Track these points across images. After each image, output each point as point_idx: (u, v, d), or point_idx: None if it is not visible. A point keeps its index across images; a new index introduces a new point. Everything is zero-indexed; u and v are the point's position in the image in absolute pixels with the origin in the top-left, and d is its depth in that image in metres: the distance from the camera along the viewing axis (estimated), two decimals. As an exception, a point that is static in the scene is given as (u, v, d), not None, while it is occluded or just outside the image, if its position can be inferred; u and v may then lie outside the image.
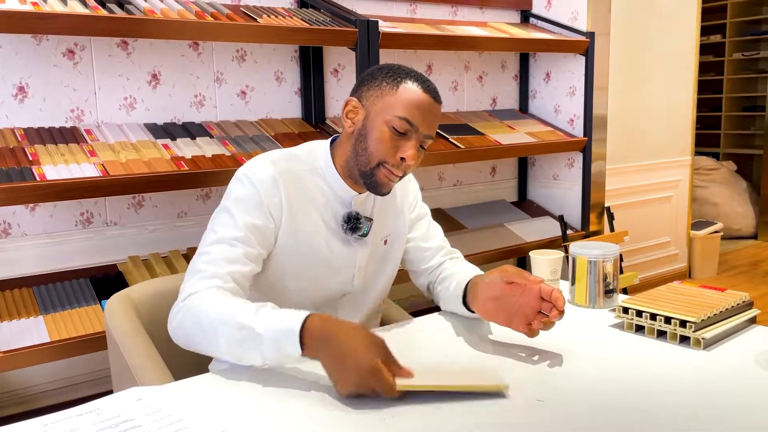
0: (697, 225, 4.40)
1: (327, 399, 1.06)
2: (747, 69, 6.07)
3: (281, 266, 1.33)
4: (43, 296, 2.07)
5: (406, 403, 1.03)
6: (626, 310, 1.33)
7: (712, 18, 5.97)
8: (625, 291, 3.20)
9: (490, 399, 1.05)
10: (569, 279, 1.53)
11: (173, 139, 2.25)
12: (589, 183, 3.29)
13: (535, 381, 1.12)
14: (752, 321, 1.35)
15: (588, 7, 3.25)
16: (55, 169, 1.93)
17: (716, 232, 4.37)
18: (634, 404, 1.03)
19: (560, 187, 3.44)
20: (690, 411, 1.00)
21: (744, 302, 1.35)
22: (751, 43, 6.02)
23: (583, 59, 3.25)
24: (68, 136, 2.12)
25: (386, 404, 1.03)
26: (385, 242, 1.46)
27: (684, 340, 1.25)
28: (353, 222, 1.36)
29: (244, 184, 1.29)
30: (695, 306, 1.29)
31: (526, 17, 3.46)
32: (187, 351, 1.26)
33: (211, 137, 2.34)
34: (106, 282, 2.18)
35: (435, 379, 1.08)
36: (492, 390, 1.06)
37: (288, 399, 1.06)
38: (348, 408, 1.03)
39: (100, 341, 1.93)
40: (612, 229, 3.39)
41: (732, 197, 5.34)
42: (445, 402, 1.04)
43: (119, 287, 1.63)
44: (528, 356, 1.22)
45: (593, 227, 3.34)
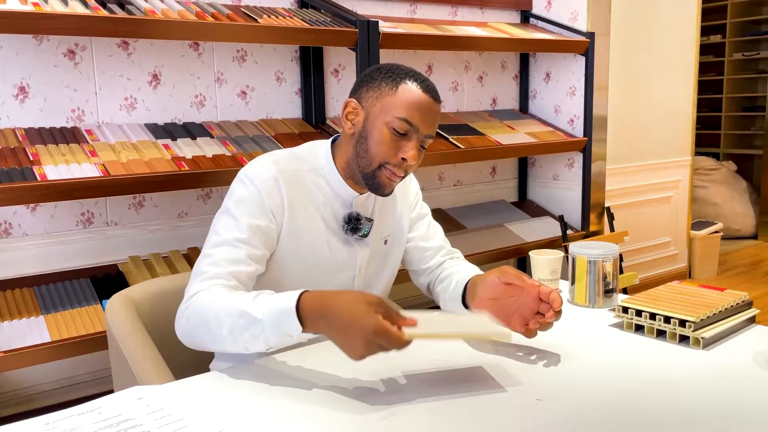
0: (697, 225, 4.40)
1: (327, 398, 1.06)
2: (747, 69, 6.07)
3: (282, 266, 1.33)
4: (44, 296, 2.07)
5: (407, 402, 1.04)
6: (626, 310, 1.33)
7: (713, 18, 5.97)
8: (625, 291, 3.20)
9: (489, 399, 1.05)
10: (569, 279, 1.53)
11: (174, 139, 2.26)
12: (589, 183, 3.29)
13: (535, 380, 1.12)
14: (751, 320, 1.36)
15: (588, 8, 3.26)
16: (56, 169, 1.93)
17: (716, 232, 4.38)
18: (634, 403, 1.03)
19: (560, 187, 3.44)
20: (689, 410, 1.00)
21: (743, 302, 1.35)
22: (751, 44, 6.02)
23: (583, 59, 3.25)
24: (69, 136, 2.13)
25: (387, 403, 1.03)
26: (386, 242, 1.46)
27: (683, 340, 1.25)
28: (354, 223, 1.36)
29: (246, 185, 1.29)
30: (694, 305, 1.29)
31: (526, 17, 3.46)
32: (188, 350, 1.26)
33: (212, 137, 2.34)
34: (107, 282, 2.18)
35: (442, 328, 1.08)
36: (496, 339, 1.08)
37: (288, 398, 1.07)
38: (348, 407, 1.03)
39: (101, 341, 1.93)
40: (612, 229, 3.39)
41: (732, 197, 5.35)
42: (445, 401, 1.04)
43: (120, 287, 1.64)
44: (527, 355, 1.22)
45: (593, 227, 3.34)
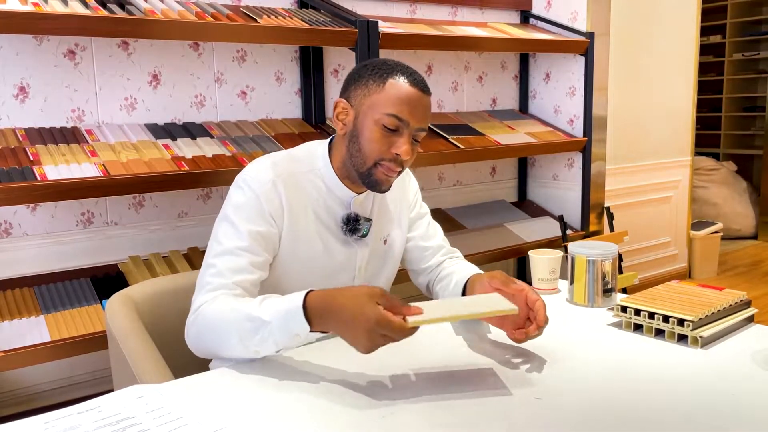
0: (697, 225, 4.40)
1: (327, 397, 1.06)
2: (747, 69, 6.07)
3: (282, 269, 1.33)
4: (44, 296, 2.07)
5: (406, 401, 1.04)
6: (624, 309, 1.33)
7: (712, 18, 5.97)
8: (625, 291, 3.20)
9: (488, 397, 1.05)
10: (568, 278, 1.53)
11: (174, 140, 2.26)
12: (589, 183, 3.30)
13: (533, 379, 1.12)
14: (750, 320, 1.36)
15: (588, 8, 3.26)
16: (56, 169, 1.93)
17: (716, 233, 4.38)
18: (632, 402, 1.03)
19: (560, 188, 3.44)
20: (687, 408, 1.01)
21: (742, 301, 1.36)
22: (751, 44, 6.03)
23: (583, 59, 3.26)
24: (69, 136, 2.13)
25: (386, 402, 1.03)
26: (385, 242, 1.46)
27: (682, 339, 1.26)
28: (352, 223, 1.36)
29: (244, 191, 1.29)
30: (693, 305, 1.29)
31: (526, 17, 3.47)
32: (188, 350, 1.27)
33: (212, 137, 2.34)
34: (107, 282, 2.19)
35: (446, 311, 1.09)
36: (502, 313, 1.10)
37: (287, 397, 1.07)
38: (348, 405, 1.03)
39: (101, 341, 1.94)
40: (612, 229, 3.39)
41: (732, 197, 5.35)
42: (445, 400, 1.04)
43: (120, 287, 1.64)
44: (526, 354, 1.22)
45: (593, 227, 3.34)
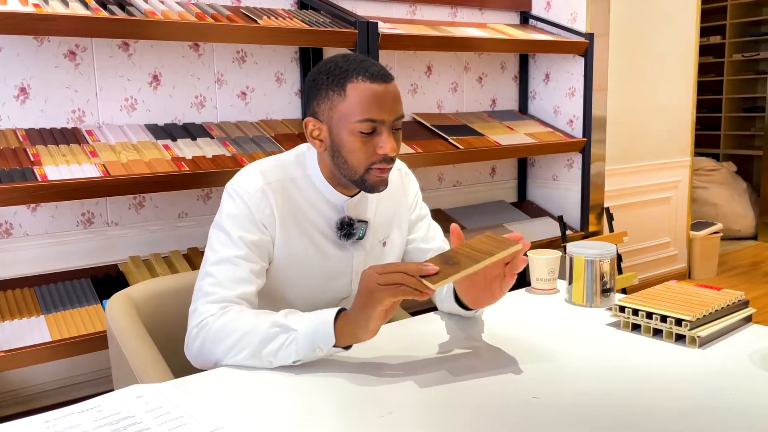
0: (697, 226, 4.40)
1: (325, 396, 1.07)
2: (747, 70, 6.08)
3: (277, 275, 1.33)
4: (45, 296, 2.08)
5: (404, 401, 1.04)
6: (623, 309, 1.34)
7: (712, 19, 5.98)
8: (624, 291, 3.21)
9: (486, 397, 1.06)
10: (567, 278, 1.54)
11: (174, 140, 2.27)
12: (589, 183, 3.30)
13: (531, 378, 1.13)
14: (748, 320, 1.36)
15: (587, 9, 3.27)
16: (57, 170, 1.94)
17: (716, 233, 4.38)
18: (630, 401, 1.04)
19: (560, 188, 3.45)
20: (685, 408, 1.01)
21: (739, 301, 1.36)
22: (751, 44, 6.03)
23: (583, 60, 3.26)
24: (69, 137, 2.13)
25: (384, 401, 1.04)
26: (384, 244, 1.46)
27: (680, 339, 1.26)
28: (347, 228, 1.35)
29: (235, 201, 1.29)
30: (691, 305, 1.30)
31: (526, 18, 3.47)
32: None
33: (212, 138, 2.35)
34: (107, 282, 2.19)
35: (463, 265, 1.11)
36: (510, 252, 1.15)
37: (286, 396, 1.07)
38: (346, 405, 1.04)
39: (101, 341, 1.94)
40: (611, 230, 3.40)
41: (732, 198, 5.35)
42: (442, 399, 1.05)
43: (120, 287, 1.64)
44: (524, 354, 1.23)
45: (592, 228, 3.35)
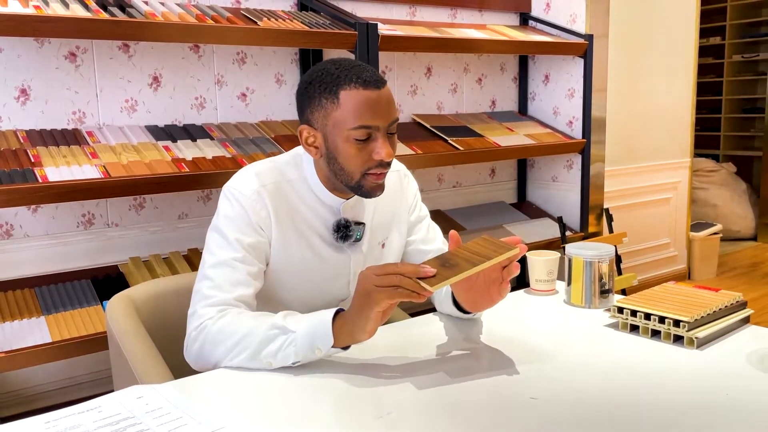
0: (697, 226, 4.41)
1: (324, 397, 1.07)
2: (747, 71, 6.08)
3: (275, 277, 1.34)
4: (45, 297, 2.08)
5: (402, 402, 1.05)
6: (621, 310, 1.34)
7: (712, 20, 5.99)
8: (624, 292, 3.21)
9: (484, 398, 1.06)
10: (565, 279, 1.54)
11: (174, 141, 2.27)
12: (588, 185, 3.31)
13: (530, 379, 1.13)
14: (745, 321, 1.37)
15: (587, 10, 3.27)
16: (57, 171, 1.95)
17: (716, 234, 4.39)
18: (628, 402, 1.04)
19: (559, 189, 3.45)
20: (683, 408, 1.01)
21: (737, 302, 1.36)
22: (751, 45, 6.04)
23: (582, 61, 3.27)
24: (70, 138, 2.14)
25: (383, 402, 1.04)
26: (383, 245, 1.46)
27: (678, 340, 1.26)
28: (343, 230, 1.35)
29: (231, 204, 1.29)
30: (689, 306, 1.30)
31: (525, 20, 3.48)
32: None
33: (212, 139, 2.35)
34: (108, 283, 2.20)
35: (460, 268, 1.11)
36: (510, 256, 1.14)
37: (285, 397, 1.08)
38: (345, 406, 1.04)
39: (102, 341, 1.95)
40: (611, 231, 3.40)
41: (732, 199, 5.35)
42: (440, 400, 1.05)
43: (120, 288, 1.65)
44: (523, 354, 1.23)
45: (592, 229, 3.35)
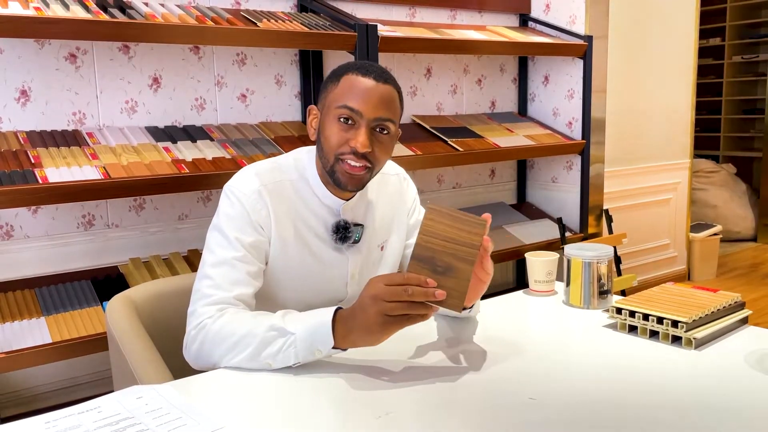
0: (697, 227, 4.41)
1: (323, 397, 1.08)
2: (746, 72, 6.09)
3: (273, 277, 1.34)
4: (45, 298, 2.09)
5: (401, 402, 1.05)
6: (619, 311, 1.34)
7: (712, 21, 5.99)
8: (624, 293, 3.21)
9: (483, 398, 1.06)
10: (564, 280, 1.54)
11: (174, 142, 2.28)
12: (588, 185, 3.31)
13: (528, 379, 1.13)
14: (744, 321, 1.37)
15: (586, 11, 3.28)
16: (57, 172, 1.95)
17: (715, 235, 4.39)
18: (627, 403, 1.04)
19: (559, 190, 3.45)
20: (681, 409, 1.02)
21: (736, 303, 1.37)
22: (751, 46, 6.04)
23: (582, 62, 3.27)
24: (70, 139, 2.14)
25: (381, 402, 1.05)
26: (382, 248, 1.46)
27: (676, 340, 1.27)
28: (342, 232, 1.36)
29: (232, 202, 1.30)
30: (687, 306, 1.31)
31: (525, 21, 3.48)
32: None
33: (212, 140, 2.36)
34: (108, 283, 2.20)
35: (459, 271, 1.10)
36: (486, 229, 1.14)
37: (284, 397, 1.08)
38: (343, 406, 1.05)
39: (102, 342, 1.95)
40: (610, 232, 3.40)
41: (732, 200, 5.36)
42: (439, 400, 1.06)
43: (120, 289, 1.65)
44: (521, 355, 1.24)
45: (592, 230, 3.35)
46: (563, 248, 1.54)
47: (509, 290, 1.28)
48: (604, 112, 3.36)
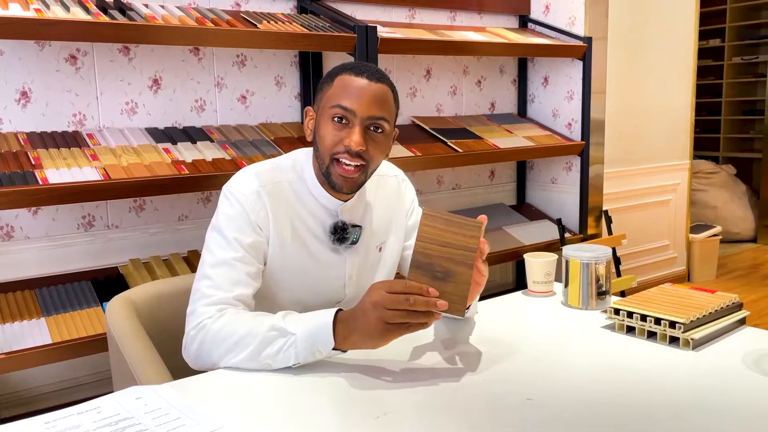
0: (696, 228, 4.41)
1: (322, 398, 1.08)
2: (746, 73, 6.09)
3: (272, 277, 1.34)
4: (45, 298, 2.09)
5: (399, 402, 1.05)
6: (617, 312, 1.35)
7: (712, 22, 5.99)
8: (623, 294, 3.21)
9: (481, 398, 1.07)
10: (563, 281, 1.55)
11: (174, 143, 2.28)
12: (587, 186, 3.31)
13: (526, 380, 1.14)
14: (742, 322, 1.37)
15: (586, 12, 3.28)
16: (58, 173, 1.95)
17: (715, 236, 4.39)
18: (624, 403, 1.05)
19: (558, 191, 3.46)
20: (678, 410, 1.02)
21: (734, 303, 1.37)
22: (751, 47, 6.04)
23: (581, 64, 3.28)
24: (70, 140, 2.15)
25: (380, 403, 1.05)
26: (380, 249, 1.47)
27: (673, 341, 1.27)
28: (340, 233, 1.36)
29: (231, 202, 1.31)
30: (685, 307, 1.31)
31: (525, 22, 3.49)
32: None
33: (212, 141, 2.36)
34: (108, 284, 2.20)
35: (459, 276, 1.10)
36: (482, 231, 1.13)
37: (283, 397, 1.08)
38: (342, 406, 1.05)
39: (102, 343, 1.95)
40: (610, 233, 3.41)
41: (731, 201, 5.36)
42: (437, 400, 1.06)
43: (120, 289, 1.66)
44: (519, 355, 1.24)
45: (591, 230, 3.36)
46: (562, 249, 1.55)
47: (509, 291, 1.28)
48: (604, 113, 3.36)
